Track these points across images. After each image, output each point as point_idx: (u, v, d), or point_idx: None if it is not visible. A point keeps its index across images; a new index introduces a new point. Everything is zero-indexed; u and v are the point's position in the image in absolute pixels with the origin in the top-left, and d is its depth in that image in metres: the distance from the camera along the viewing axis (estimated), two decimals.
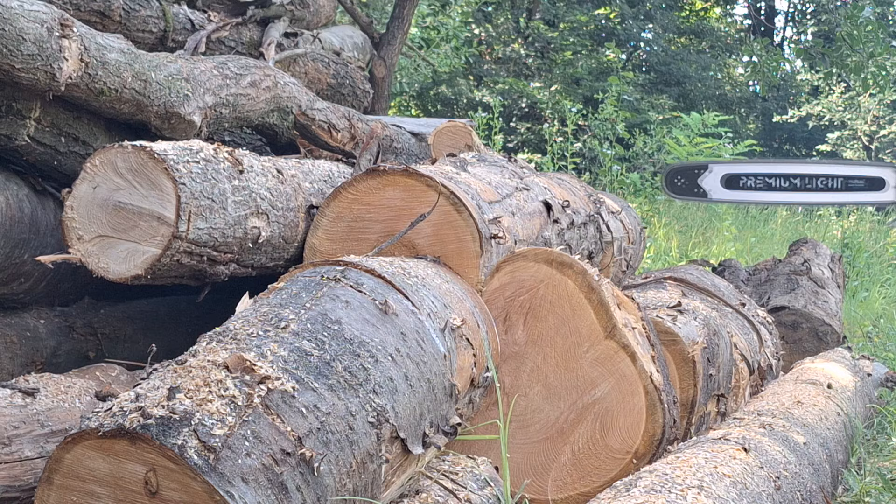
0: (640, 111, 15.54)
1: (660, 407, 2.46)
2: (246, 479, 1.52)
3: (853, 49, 9.30)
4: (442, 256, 2.60)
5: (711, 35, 20.79)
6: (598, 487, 2.41)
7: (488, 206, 2.81)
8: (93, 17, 3.35)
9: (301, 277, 2.13)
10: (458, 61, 13.27)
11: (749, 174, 3.78)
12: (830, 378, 3.62)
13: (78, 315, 3.07)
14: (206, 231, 2.49)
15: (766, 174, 3.74)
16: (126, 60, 2.87)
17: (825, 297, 5.32)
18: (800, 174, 3.59)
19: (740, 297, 4.15)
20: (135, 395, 1.62)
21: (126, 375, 2.60)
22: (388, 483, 1.90)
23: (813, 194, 3.59)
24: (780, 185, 3.71)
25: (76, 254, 2.45)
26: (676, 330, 2.90)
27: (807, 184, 3.57)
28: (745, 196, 3.88)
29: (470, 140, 3.92)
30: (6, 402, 2.13)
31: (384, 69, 5.84)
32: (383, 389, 1.88)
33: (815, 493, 2.48)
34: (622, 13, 18.24)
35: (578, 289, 2.54)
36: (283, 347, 1.78)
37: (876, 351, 5.51)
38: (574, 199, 3.59)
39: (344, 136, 3.74)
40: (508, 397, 2.51)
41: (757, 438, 2.50)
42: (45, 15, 2.60)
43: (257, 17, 4.32)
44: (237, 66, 3.50)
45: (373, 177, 2.70)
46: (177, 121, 3.08)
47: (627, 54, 19.27)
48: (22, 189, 2.83)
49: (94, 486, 1.54)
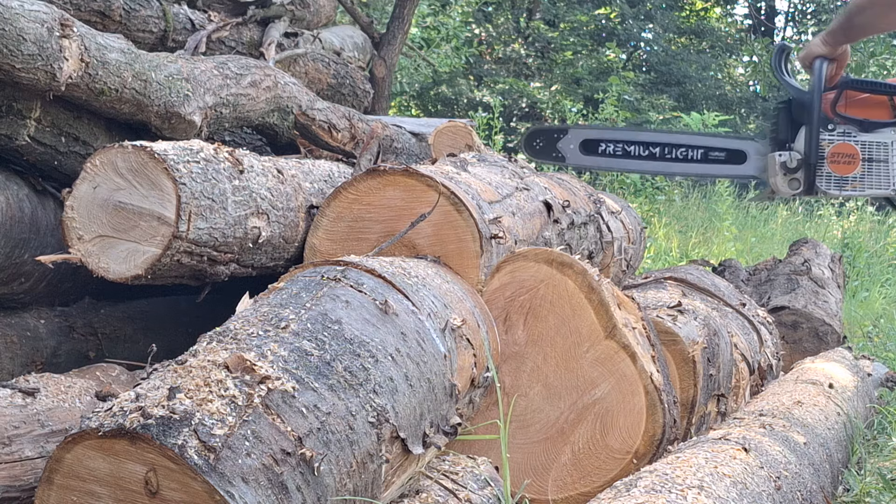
0: (640, 111, 15.54)
1: (660, 407, 2.46)
2: (246, 479, 1.52)
3: (854, 48, 9.30)
4: (442, 256, 2.60)
5: (712, 35, 20.79)
6: (598, 487, 2.41)
7: (489, 206, 2.81)
8: (93, 17, 3.35)
9: (301, 277, 2.13)
10: (458, 61, 13.27)
11: (607, 140, 3.72)
12: (831, 378, 3.62)
13: (78, 315, 3.07)
14: (207, 231, 2.49)
15: (626, 141, 3.69)
16: (126, 60, 2.87)
17: (825, 297, 5.32)
18: (659, 143, 3.53)
19: (740, 297, 4.14)
20: (135, 394, 1.62)
21: (126, 375, 2.61)
22: (388, 483, 1.90)
23: (672, 164, 3.54)
24: (638, 153, 3.65)
25: (76, 254, 2.45)
26: (676, 330, 2.90)
27: (665, 153, 3.52)
28: (603, 162, 3.81)
29: (470, 140, 3.92)
30: (6, 402, 2.13)
31: (384, 69, 5.84)
32: (383, 389, 1.88)
33: (816, 493, 2.48)
34: (622, 13, 18.25)
35: (579, 289, 2.54)
36: (283, 347, 1.78)
37: (876, 351, 5.52)
38: (574, 199, 3.59)
39: (344, 136, 3.74)
40: (508, 397, 2.51)
41: (757, 438, 2.50)
42: (46, 15, 2.60)
43: (257, 17, 4.32)
44: (237, 66, 3.50)
45: (373, 177, 2.69)
46: (177, 121, 3.08)
47: (628, 54, 19.26)
48: (22, 189, 2.83)
49: (95, 485, 1.54)
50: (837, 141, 3.11)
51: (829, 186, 3.14)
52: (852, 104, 3.13)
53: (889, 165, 3.11)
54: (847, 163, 3.13)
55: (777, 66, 3.25)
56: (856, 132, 3.12)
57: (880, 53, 9.41)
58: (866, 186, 3.14)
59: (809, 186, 3.14)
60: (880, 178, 3.13)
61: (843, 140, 3.11)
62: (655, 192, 9.72)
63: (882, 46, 9.36)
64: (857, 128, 3.12)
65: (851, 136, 3.12)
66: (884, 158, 3.11)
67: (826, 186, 3.14)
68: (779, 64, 3.25)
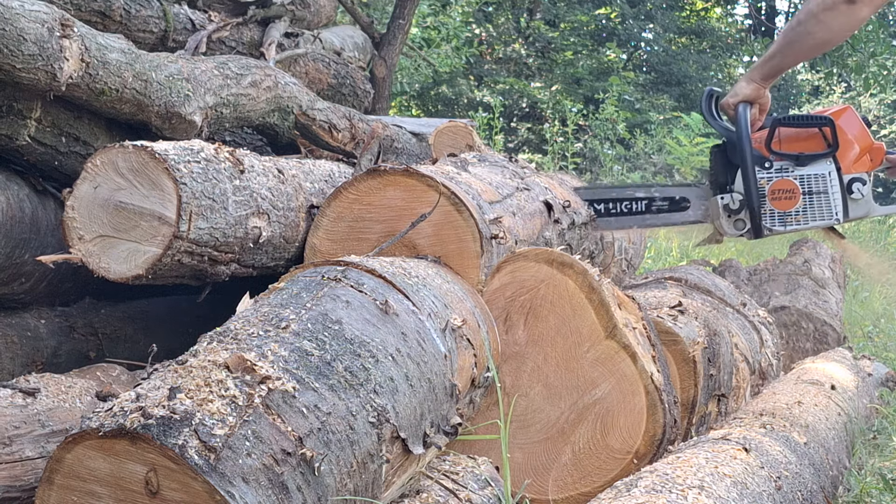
0: (640, 111, 15.55)
1: (660, 407, 2.46)
2: (246, 479, 1.52)
3: (854, 49, 9.30)
4: (442, 256, 2.60)
5: (712, 35, 20.79)
6: (598, 487, 2.41)
7: (489, 206, 2.81)
8: (93, 17, 3.35)
9: (302, 277, 2.13)
10: (458, 61, 13.27)
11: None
12: (832, 378, 3.62)
13: (79, 315, 3.07)
14: (207, 231, 2.49)
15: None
16: (127, 60, 2.87)
17: (826, 297, 5.32)
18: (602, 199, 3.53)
19: (741, 297, 4.15)
20: (135, 395, 1.62)
21: (127, 375, 2.61)
22: (388, 483, 1.90)
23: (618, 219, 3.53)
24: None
25: (77, 254, 2.45)
26: (677, 330, 2.90)
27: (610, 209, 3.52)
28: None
29: (471, 140, 3.92)
30: (7, 402, 2.13)
31: (385, 69, 5.84)
32: (384, 389, 1.88)
33: (816, 493, 2.48)
34: (623, 13, 18.25)
35: (579, 289, 2.54)
36: (283, 347, 1.78)
37: (876, 351, 5.52)
38: (575, 199, 3.59)
39: (345, 136, 3.74)
40: (509, 397, 2.51)
41: (757, 438, 2.50)
42: (46, 15, 2.60)
43: (258, 17, 4.32)
44: (238, 66, 3.50)
45: (373, 177, 2.69)
46: (178, 121, 3.08)
47: (628, 54, 19.26)
48: (23, 189, 2.83)
49: (95, 486, 1.54)
50: (776, 178, 3.15)
51: (773, 223, 3.17)
52: (786, 140, 3.16)
53: (829, 196, 3.14)
54: (788, 198, 3.16)
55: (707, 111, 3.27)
56: (793, 167, 3.15)
57: (880, 53, 9.40)
58: (810, 219, 3.17)
59: (756, 227, 3.15)
60: (822, 210, 3.16)
61: (781, 176, 3.14)
62: None
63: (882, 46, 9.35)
64: (794, 162, 3.15)
65: (789, 171, 3.14)
66: (823, 190, 3.14)
67: (770, 224, 3.17)
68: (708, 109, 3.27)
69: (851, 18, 2.92)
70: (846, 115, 3.17)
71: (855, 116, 3.18)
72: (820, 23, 2.93)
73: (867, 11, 2.92)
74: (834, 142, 3.12)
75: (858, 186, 3.14)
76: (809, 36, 2.97)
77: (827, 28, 2.93)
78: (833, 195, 3.14)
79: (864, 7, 2.88)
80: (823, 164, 3.14)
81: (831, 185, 3.14)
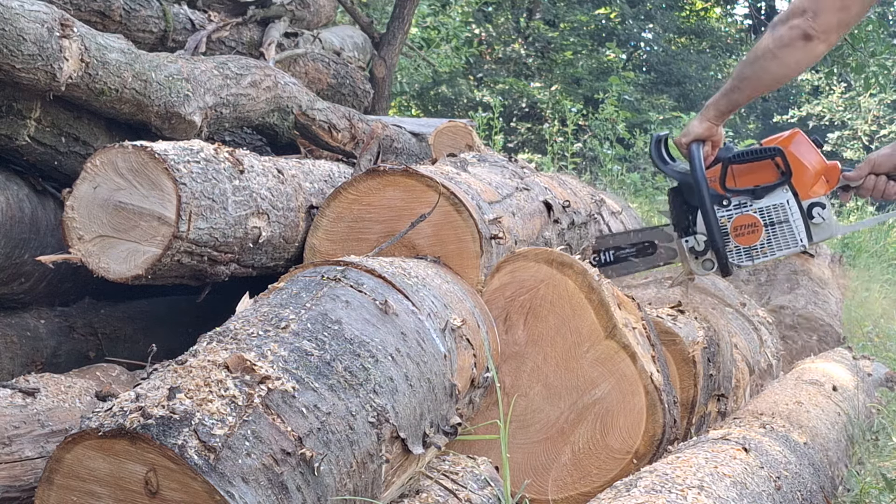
0: (640, 111, 15.54)
1: (660, 407, 2.46)
2: (246, 479, 1.52)
3: (854, 48, 9.30)
4: (442, 257, 2.60)
5: (712, 35, 20.79)
6: (598, 487, 2.42)
7: (489, 206, 2.81)
8: (93, 17, 3.35)
9: (301, 277, 2.13)
10: (458, 61, 13.26)
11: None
12: (832, 378, 3.62)
13: (78, 315, 3.07)
14: (207, 231, 2.49)
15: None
16: (126, 60, 2.87)
17: (825, 297, 5.33)
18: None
19: (740, 297, 4.15)
20: (135, 395, 1.62)
21: (126, 375, 2.61)
22: (388, 483, 1.90)
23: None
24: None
25: (77, 254, 2.45)
26: (677, 330, 2.90)
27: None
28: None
29: (470, 140, 3.92)
30: (6, 402, 2.13)
31: (384, 69, 5.84)
32: (384, 389, 1.88)
33: (816, 493, 2.48)
34: (622, 13, 18.25)
35: (579, 289, 2.54)
36: (283, 347, 1.78)
37: (876, 351, 5.51)
38: (575, 199, 3.59)
39: (344, 136, 3.74)
40: (509, 397, 2.51)
41: (757, 438, 2.50)
42: (46, 15, 2.60)
43: (257, 17, 4.32)
44: (237, 66, 3.50)
45: (373, 177, 2.70)
46: (177, 121, 3.08)
47: (628, 54, 19.26)
48: (22, 189, 2.83)
49: (95, 486, 1.54)
50: (735, 214, 3.15)
51: (740, 259, 3.18)
52: (739, 175, 3.16)
53: (791, 224, 3.15)
54: (751, 232, 3.16)
55: (656, 156, 3.27)
56: (750, 201, 3.15)
57: (881, 53, 9.40)
58: (776, 249, 3.18)
59: (723, 266, 3.16)
60: (786, 238, 3.17)
61: (740, 212, 3.15)
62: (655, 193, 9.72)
63: (882, 46, 9.35)
64: (751, 196, 3.15)
65: (747, 206, 3.15)
66: (784, 219, 3.15)
67: (738, 260, 3.18)
68: (658, 154, 3.26)
69: (808, 55, 2.91)
70: (796, 140, 3.16)
71: (804, 140, 3.17)
72: (776, 59, 2.92)
73: (823, 48, 2.91)
74: (787, 169, 3.11)
75: (818, 211, 3.14)
76: (766, 72, 2.97)
77: (783, 64, 2.93)
78: (795, 222, 3.14)
79: (819, 44, 2.87)
80: (780, 192, 3.14)
81: (791, 212, 3.14)
